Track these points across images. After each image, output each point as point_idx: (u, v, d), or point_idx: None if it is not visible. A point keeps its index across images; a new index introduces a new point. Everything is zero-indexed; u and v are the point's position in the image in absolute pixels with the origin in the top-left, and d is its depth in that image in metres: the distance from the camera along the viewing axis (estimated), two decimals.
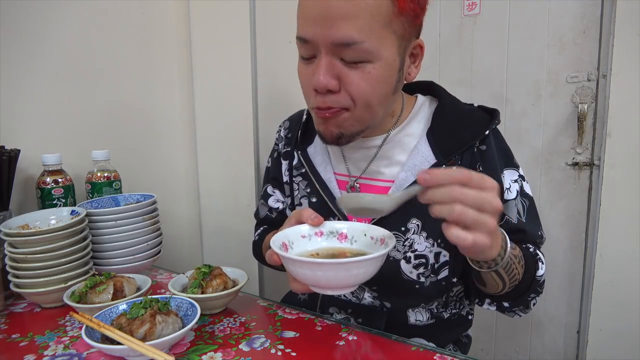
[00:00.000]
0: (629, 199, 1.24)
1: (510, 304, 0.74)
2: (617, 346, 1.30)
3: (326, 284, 0.57)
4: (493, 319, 1.58)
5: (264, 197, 0.94)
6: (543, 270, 0.72)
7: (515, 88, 1.46)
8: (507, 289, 0.69)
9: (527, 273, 0.70)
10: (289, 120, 0.94)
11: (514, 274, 0.66)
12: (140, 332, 0.59)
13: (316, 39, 0.63)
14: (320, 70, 0.64)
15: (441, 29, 1.56)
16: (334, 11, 0.60)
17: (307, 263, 0.55)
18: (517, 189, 0.75)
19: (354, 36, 0.61)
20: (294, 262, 0.56)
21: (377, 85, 0.66)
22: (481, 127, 0.74)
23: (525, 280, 0.70)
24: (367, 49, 0.62)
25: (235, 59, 1.32)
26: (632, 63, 1.19)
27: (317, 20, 0.62)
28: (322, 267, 0.54)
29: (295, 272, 0.58)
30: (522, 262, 0.68)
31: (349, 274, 0.55)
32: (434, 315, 0.79)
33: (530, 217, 0.76)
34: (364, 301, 0.78)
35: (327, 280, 0.55)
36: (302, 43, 0.66)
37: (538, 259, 0.72)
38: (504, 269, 0.63)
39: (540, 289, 0.73)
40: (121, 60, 1.19)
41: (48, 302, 0.80)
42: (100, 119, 1.15)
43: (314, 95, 0.67)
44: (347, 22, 0.60)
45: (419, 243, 0.74)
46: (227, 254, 1.41)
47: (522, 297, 0.72)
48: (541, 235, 0.76)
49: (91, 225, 0.88)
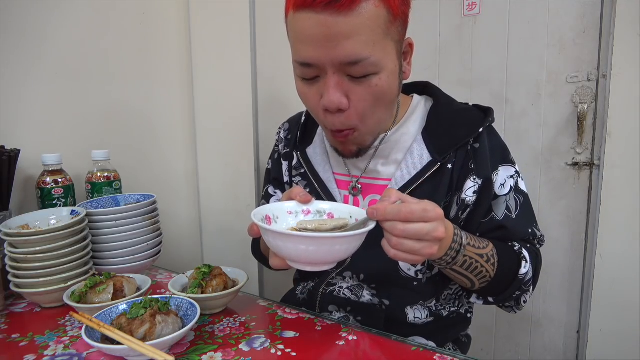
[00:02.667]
0: (629, 199, 1.24)
1: (495, 300, 0.76)
2: (617, 346, 1.30)
3: (306, 259, 0.56)
4: (493, 319, 1.58)
5: (265, 198, 0.95)
6: (527, 269, 0.73)
7: (515, 88, 1.46)
8: (478, 285, 0.72)
9: (503, 271, 0.71)
10: (289, 122, 0.94)
11: (479, 272, 0.69)
12: (140, 332, 0.59)
13: (321, 62, 0.62)
14: (329, 90, 0.63)
15: (441, 29, 1.56)
16: (335, 31, 0.59)
17: (289, 236, 0.54)
18: (511, 184, 0.76)
19: (360, 53, 0.61)
20: (274, 234, 0.55)
21: (384, 96, 0.66)
22: (475, 125, 0.75)
23: (502, 278, 0.72)
24: (373, 62, 0.62)
25: (235, 59, 1.32)
26: (632, 63, 1.19)
27: (319, 42, 0.61)
28: (305, 240, 0.54)
29: (275, 246, 0.57)
30: (493, 261, 0.70)
31: (332, 249, 0.55)
32: (432, 313, 0.79)
33: (523, 213, 0.76)
34: (363, 299, 0.78)
35: (307, 255, 0.55)
36: (305, 67, 0.65)
37: (522, 257, 0.73)
38: (463, 267, 0.67)
39: (526, 287, 0.74)
40: (121, 61, 1.19)
41: (48, 302, 0.80)
42: (100, 119, 1.15)
43: (323, 114, 0.67)
44: (350, 40, 0.60)
45: None
46: (227, 254, 1.41)
47: (504, 294, 0.74)
48: (533, 232, 0.77)
49: (91, 225, 0.88)
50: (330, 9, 0.58)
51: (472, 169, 0.74)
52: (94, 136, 1.14)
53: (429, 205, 0.56)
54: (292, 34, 0.66)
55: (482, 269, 0.69)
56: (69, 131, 1.09)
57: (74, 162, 1.03)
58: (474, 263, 0.67)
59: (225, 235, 1.40)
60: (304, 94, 0.70)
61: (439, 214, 0.56)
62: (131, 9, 1.20)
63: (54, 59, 1.05)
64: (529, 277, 0.74)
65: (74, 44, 1.09)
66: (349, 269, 0.80)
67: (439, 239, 0.56)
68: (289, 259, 0.58)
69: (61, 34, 1.06)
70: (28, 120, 1.02)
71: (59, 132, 1.07)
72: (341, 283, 0.80)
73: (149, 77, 1.26)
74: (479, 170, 0.74)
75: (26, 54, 1.01)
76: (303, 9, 0.60)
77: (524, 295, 0.75)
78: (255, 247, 0.96)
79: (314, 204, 0.67)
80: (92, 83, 1.13)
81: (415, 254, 0.56)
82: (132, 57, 1.22)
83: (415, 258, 0.57)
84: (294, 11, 0.62)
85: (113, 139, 1.17)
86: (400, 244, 0.56)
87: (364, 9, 0.59)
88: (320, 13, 0.59)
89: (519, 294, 0.74)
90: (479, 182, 0.74)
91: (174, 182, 1.38)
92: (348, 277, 0.80)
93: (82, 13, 1.10)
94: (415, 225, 0.55)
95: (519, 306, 0.77)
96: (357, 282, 0.79)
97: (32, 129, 1.03)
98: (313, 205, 0.67)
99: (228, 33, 1.31)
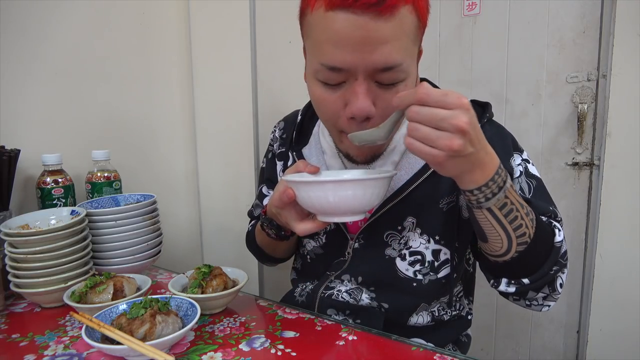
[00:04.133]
0: (629, 199, 1.24)
1: (531, 280, 0.64)
2: (617, 346, 1.30)
3: (345, 207, 0.59)
4: (493, 319, 1.58)
5: (259, 198, 0.94)
6: (561, 237, 0.65)
7: (515, 88, 1.46)
8: (515, 246, 0.61)
9: (540, 234, 0.62)
10: (284, 121, 0.93)
11: (519, 225, 0.59)
12: (140, 332, 0.59)
13: (355, 66, 0.59)
14: (359, 97, 0.60)
15: (441, 29, 1.56)
16: (374, 35, 0.56)
17: (329, 182, 0.59)
18: (520, 170, 0.73)
19: (397, 59, 0.59)
20: (311, 185, 0.59)
21: None
22: None
23: (540, 243, 0.62)
24: (404, 69, 0.61)
25: (235, 59, 1.32)
26: (632, 63, 1.19)
27: (355, 45, 0.57)
28: (344, 184, 0.58)
29: (309, 199, 0.60)
30: (532, 217, 0.61)
31: (365, 192, 0.58)
32: (435, 318, 0.79)
33: (538, 194, 0.72)
34: (362, 302, 0.78)
35: (345, 201, 0.58)
36: (333, 71, 0.61)
37: (554, 226, 0.67)
38: (500, 210, 0.58)
39: (563, 260, 0.65)
40: (121, 61, 1.19)
41: (48, 302, 0.80)
42: (100, 119, 1.15)
43: (346, 121, 0.64)
44: (388, 45, 0.57)
45: (414, 240, 0.75)
46: (227, 254, 1.41)
47: (542, 268, 0.63)
48: (553, 211, 0.70)
49: (91, 225, 0.88)
50: (372, 11, 0.55)
51: None
52: (94, 136, 1.14)
53: (452, 91, 0.51)
54: (321, 34, 0.60)
55: (522, 222, 0.59)
56: (69, 131, 1.09)
57: (74, 162, 1.03)
58: (515, 211, 0.58)
59: (225, 235, 1.40)
60: (323, 99, 0.65)
61: (463, 103, 0.50)
62: (131, 9, 1.20)
63: (54, 59, 1.05)
64: (564, 249, 0.65)
65: (73, 44, 1.09)
66: (347, 272, 0.79)
67: (461, 129, 0.49)
68: (322, 212, 0.62)
69: (61, 34, 1.06)
70: (28, 120, 1.02)
71: (59, 132, 1.08)
72: (339, 286, 0.80)
73: (149, 78, 1.27)
74: None
75: (26, 54, 1.01)
76: (340, 9, 0.56)
77: (560, 274, 0.65)
78: (251, 238, 0.94)
79: (322, 173, 0.71)
80: (92, 83, 1.13)
81: (431, 143, 0.51)
82: (132, 57, 1.22)
83: (432, 151, 0.51)
84: (327, 9, 0.57)
85: (113, 139, 1.17)
86: (415, 129, 0.51)
87: (403, 14, 0.57)
88: (360, 15, 0.55)
89: (556, 269, 0.64)
90: None
91: (174, 182, 1.38)
92: (346, 280, 0.80)
93: (82, 13, 1.10)
94: (431, 110, 0.50)
95: (555, 293, 0.65)
96: (356, 285, 0.79)
97: (32, 129, 1.03)
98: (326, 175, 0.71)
99: (228, 33, 1.31)
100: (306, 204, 0.63)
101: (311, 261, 0.85)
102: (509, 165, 0.73)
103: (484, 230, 0.61)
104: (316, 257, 0.84)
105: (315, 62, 0.62)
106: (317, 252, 0.84)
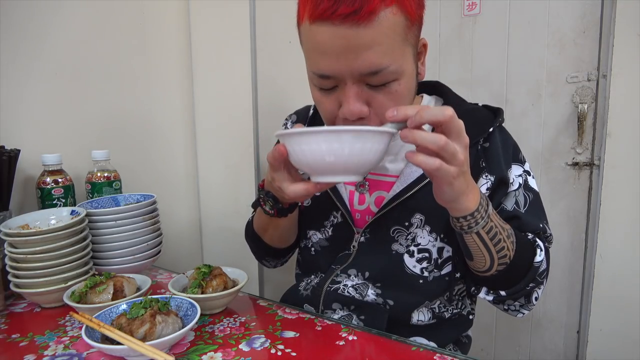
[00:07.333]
0: (629, 199, 1.24)
1: (507, 292, 0.71)
2: (617, 346, 1.30)
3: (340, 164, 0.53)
4: (493, 319, 1.58)
5: None
6: (542, 257, 0.70)
7: (515, 88, 1.46)
8: (496, 265, 0.67)
9: (520, 255, 0.68)
10: (296, 114, 0.94)
11: (501, 247, 0.65)
12: (140, 332, 0.59)
13: (341, 73, 0.62)
14: (349, 101, 0.63)
15: (441, 29, 1.56)
16: (355, 43, 0.58)
17: (322, 132, 0.52)
18: (520, 182, 0.76)
19: (381, 62, 0.60)
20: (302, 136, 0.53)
21: (404, 100, 0.66)
22: (485, 125, 0.76)
23: (519, 263, 0.68)
24: (393, 70, 0.62)
25: (235, 59, 1.32)
26: (632, 63, 1.19)
27: (339, 54, 0.60)
28: (339, 135, 0.52)
29: (301, 153, 0.54)
30: (513, 239, 0.67)
31: (364, 146, 0.52)
32: (435, 315, 0.79)
33: (533, 210, 0.76)
34: (367, 298, 0.78)
35: (340, 155, 0.52)
36: (323, 78, 0.64)
37: (537, 245, 0.71)
38: (487, 233, 0.63)
39: (540, 278, 0.71)
40: (121, 61, 1.19)
41: (48, 302, 0.80)
42: (100, 119, 1.15)
43: (342, 121, 0.67)
44: (370, 51, 0.59)
45: (422, 237, 0.75)
46: (227, 254, 1.41)
47: (519, 284, 0.70)
48: (544, 228, 0.76)
49: (91, 225, 0.88)
50: (349, 21, 0.57)
51: (484, 167, 0.74)
52: (94, 136, 1.14)
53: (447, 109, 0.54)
54: (308, 45, 0.64)
55: (504, 244, 0.65)
56: (69, 131, 1.09)
57: (74, 162, 1.03)
58: (498, 234, 0.64)
59: (225, 235, 1.40)
60: (321, 102, 0.69)
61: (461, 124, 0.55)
62: (131, 9, 1.20)
63: (54, 59, 1.05)
64: (543, 268, 0.71)
65: (73, 44, 1.09)
66: (354, 267, 0.80)
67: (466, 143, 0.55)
68: (315, 171, 0.56)
69: (61, 34, 1.06)
70: (28, 120, 1.02)
71: (59, 132, 1.07)
72: (346, 281, 0.80)
73: (149, 78, 1.26)
74: (491, 168, 0.74)
75: (26, 54, 1.01)
76: (320, 21, 0.59)
77: (536, 290, 0.72)
78: (249, 227, 0.93)
79: None
80: (92, 83, 1.13)
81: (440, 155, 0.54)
82: (132, 57, 1.22)
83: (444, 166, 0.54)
84: (310, 22, 0.60)
85: (113, 139, 1.17)
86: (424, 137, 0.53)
87: (383, 18, 0.58)
88: (338, 26, 0.57)
89: (532, 285, 0.70)
90: (491, 179, 0.74)
91: (174, 182, 1.37)
92: (353, 275, 0.80)
93: (82, 13, 1.10)
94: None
95: (530, 304, 0.73)
96: (362, 281, 0.79)
97: (32, 129, 1.03)
98: None
99: (228, 33, 1.31)
100: (298, 161, 0.57)
101: (315, 254, 0.86)
102: (505, 175, 0.74)
103: (470, 251, 0.67)
104: (321, 249, 0.85)
105: (309, 69, 0.66)
106: (322, 245, 0.84)
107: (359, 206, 0.80)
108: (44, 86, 1.04)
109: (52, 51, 1.05)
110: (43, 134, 1.05)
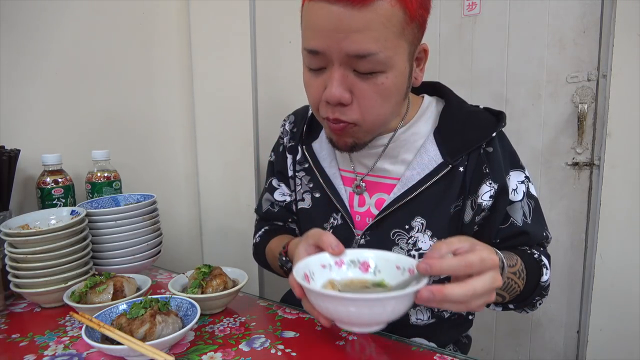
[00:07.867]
0: (629, 199, 1.24)
1: (516, 306, 0.76)
2: (617, 346, 1.30)
3: (358, 321, 0.52)
4: (493, 319, 1.58)
5: (269, 191, 0.93)
6: (547, 276, 0.74)
7: (515, 88, 1.46)
8: (508, 299, 0.71)
9: (529, 282, 0.71)
10: (294, 115, 0.94)
11: (513, 289, 0.69)
12: (140, 332, 0.59)
13: (329, 51, 0.62)
14: (333, 83, 0.63)
15: (441, 29, 1.56)
16: (347, 23, 0.59)
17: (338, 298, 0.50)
18: (523, 190, 0.76)
19: (370, 48, 0.60)
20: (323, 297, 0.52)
21: (389, 95, 0.66)
22: (488, 129, 0.74)
23: (528, 289, 0.72)
24: (381, 59, 0.61)
25: (235, 59, 1.32)
26: (632, 63, 1.19)
27: (330, 32, 0.60)
28: (356, 302, 0.50)
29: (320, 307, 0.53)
30: (523, 275, 0.69)
31: (385, 309, 0.50)
32: (434, 314, 0.79)
33: (536, 217, 0.76)
34: None
35: (360, 316, 0.51)
36: (312, 55, 0.64)
37: (542, 264, 0.74)
38: (503, 290, 0.67)
39: (545, 292, 0.75)
40: (121, 61, 1.19)
41: (48, 302, 0.80)
42: (100, 119, 1.15)
43: (324, 105, 0.67)
44: (361, 34, 0.59)
45: (423, 242, 0.75)
46: (227, 254, 1.41)
47: (526, 300, 0.75)
48: (546, 235, 0.78)
49: (91, 225, 0.88)
50: (344, 1, 0.58)
51: (487, 173, 0.73)
52: (94, 136, 1.14)
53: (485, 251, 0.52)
54: (304, 22, 0.66)
55: (515, 285, 0.68)
56: (69, 131, 1.09)
57: (74, 162, 1.03)
58: (511, 283, 0.67)
59: (225, 235, 1.40)
60: (309, 84, 0.69)
61: (497, 261, 0.53)
62: (131, 9, 1.20)
63: (54, 59, 1.06)
64: (548, 283, 0.75)
65: (73, 44, 1.09)
66: None
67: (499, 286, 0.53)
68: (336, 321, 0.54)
69: (61, 34, 1.06)
70: (28, 120, 1.02)
71: (59, 132, 1.08)
72: None
73: (149, 77, 1.27)
74: (495, 175, 0.73)
75: (26, 54, 1.01)
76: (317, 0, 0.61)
77: (540, 300, 0.76)
78: (260, 252, 0.94)
79: (347, 253, 0.62)
80: (92, 83, 1.13)
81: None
82: (132, 57, 1.22)
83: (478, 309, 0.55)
84: (309, 0, 0.63)
85: (113, 139, 1.17)
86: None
87: (380, 6, 0.59)
88: (333, 4, 0.59)
89: (538, 298, 0.75)
90: (495, 186, 0.73)
91: (174, 182, 1.38)
92: None
93: (82, 13, 1.10)
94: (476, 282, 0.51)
95: (534, 308, 0.77)
96: None
97: (32, 129, 1.03)
98: (346, 255, 0.62)
99: (228, 33, 1.31)
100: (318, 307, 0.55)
101: None
102: (503, 181, 0.74)
103: None
104: None
105: (302, 48, 0.67)
106: None
107: (359, 208, 0.80)
108: (44, 86, 1.04)
109: (52, 51, 1.05)
110: (43, 134, 1.05)
